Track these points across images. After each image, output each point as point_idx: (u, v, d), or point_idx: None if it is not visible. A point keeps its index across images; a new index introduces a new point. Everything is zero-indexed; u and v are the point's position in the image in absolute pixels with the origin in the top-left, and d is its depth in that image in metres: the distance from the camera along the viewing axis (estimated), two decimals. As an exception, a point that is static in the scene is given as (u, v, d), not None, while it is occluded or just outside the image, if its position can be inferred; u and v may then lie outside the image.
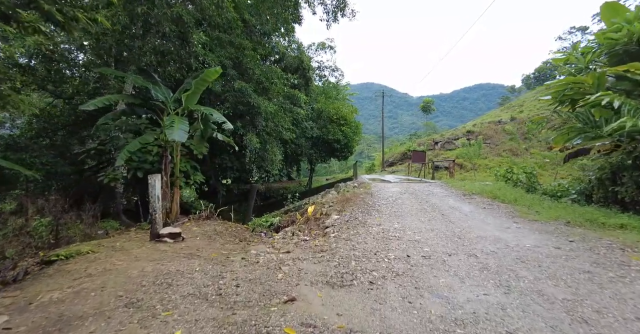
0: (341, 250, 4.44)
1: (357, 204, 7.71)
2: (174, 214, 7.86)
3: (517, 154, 27.11)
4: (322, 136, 21.03)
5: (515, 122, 31.42)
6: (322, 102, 21.86)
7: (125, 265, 3.44)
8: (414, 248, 4.40)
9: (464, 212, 6.96)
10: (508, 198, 8.00)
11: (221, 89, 11.23)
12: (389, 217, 6.45)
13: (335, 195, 9.26)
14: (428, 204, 7.83)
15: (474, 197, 8.72)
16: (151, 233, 4.98)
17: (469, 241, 4.72)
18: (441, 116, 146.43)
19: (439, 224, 5.90)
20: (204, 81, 7.25)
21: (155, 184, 4.98)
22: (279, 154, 14.64)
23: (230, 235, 6.36)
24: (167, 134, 6.14)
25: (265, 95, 12.89)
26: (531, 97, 40.13)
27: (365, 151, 79.74)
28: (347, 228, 5.84)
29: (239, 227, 7.56)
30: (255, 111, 11.87)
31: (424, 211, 7.05)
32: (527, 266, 3.52)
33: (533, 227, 5.51)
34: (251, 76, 12.20)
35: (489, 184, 10.16)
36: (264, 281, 3.31)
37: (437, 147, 31.82)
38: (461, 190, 10.00)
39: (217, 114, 7.30)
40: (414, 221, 6.12)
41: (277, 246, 5.42)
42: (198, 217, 8.05)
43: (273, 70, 12.17)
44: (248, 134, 11.86)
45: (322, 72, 30.96)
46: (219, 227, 6.83)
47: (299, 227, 7.04)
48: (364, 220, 6.27)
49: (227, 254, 4.59)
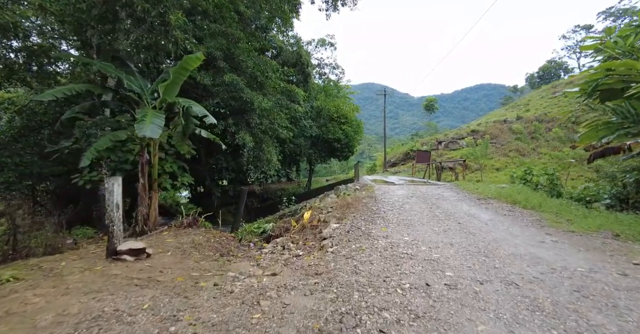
0: (341, 274, 3.50)
1: (359, 210, 6.77)
2: (152, 222, 6.93)
3: (524, 154, 26.15)
4: (321, 135, 20.08)
5: (521, 121, 30.42)
6: (322, 99, 20.90)
7: (42, 303, 2.52)
8: (433, 272, 3.46)
9: (483, 221, 6.02)
10: (530, 203, 7.04)
11: (211, 82, 10.30)
12: (397, 227, 5.51)
13: (335, 199, 8.33)
14: (440, 211, 6.89)
15: (490, 202, 7.77)
16: (107, 250, 4.05)
17: (500, 260, 3.77)
18: (442, 116, 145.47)
19: (458, 236, 4.96)
20: (184, 70, 6.32)
21: (114, 189, 4.06)
22: (276, 153, 13.70)
23: (210, 248, 5.43)
24: (136, 129, 5.21)
25: (260, 90, 11.97)
26: (537, 96, 39.14)
27: (367, 151, 78.80)
28: (347, 241, 4.90)
29: (225, 237, 6.62)
30: (248, 107, 10.95)
31: (437, 219, 6.11)
32: (596, 305, 2.58)
33: (573, 241, 4.56)
34: (244, 69, 11.28)
35: (505, 187, 9.22)
36: (231, 329, 2.37)
37: (441, 147, 30.88)
38: (474, 193, 9.05)
39: (198, 107, 6.37)
40: (427, 232, 5.17)
41: (263, 264, 4.48)
42: (180, 225, 7.12)
43: (267, 63, 11.24)
44: (240, 132, 10.93)
45: (322, 69, 30.06)
46: (199, 237, 5.89)
47: (292, 237, 6.11)
48: (368, 230, 5.33)
49: (198, 278, 3.66)
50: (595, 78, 6.65)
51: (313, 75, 29.52)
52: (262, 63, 11.18)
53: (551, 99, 34.91)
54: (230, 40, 10.89)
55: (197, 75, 10.03)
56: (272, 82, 12.22)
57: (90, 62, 6.49)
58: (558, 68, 56.86)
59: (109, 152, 8.88)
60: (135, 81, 6.62)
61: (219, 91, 10.40)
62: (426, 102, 40.92)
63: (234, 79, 10.13)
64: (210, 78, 10.45)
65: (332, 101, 20.74)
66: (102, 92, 6.50)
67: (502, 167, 25.19)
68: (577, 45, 64.36)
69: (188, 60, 6.20)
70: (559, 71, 56.40)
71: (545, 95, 37.57)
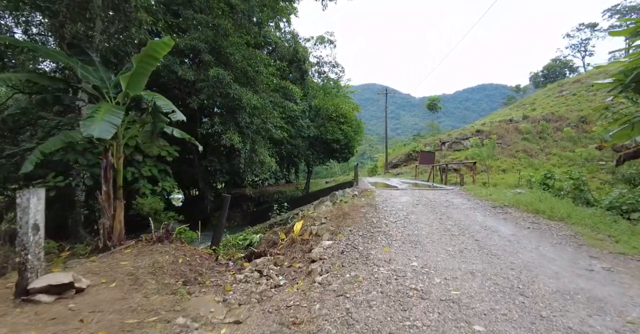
0: (326, 326, 2.51)
1: (357, 222, 5.78)
2: (117, 236, 5.96)
3: (532, 154, 25.07)
4: (319, 136, 19.08)
5: (527, 120, 29.33)
6: (321, 98, 19.92)
7: None
8: (456, 324, 2.47)
9: (505, 236, 5.01)
10: (557, 213, 6.03)
11: (194, 77, 9.34)
12: (402, 247, 4.52)
13: (330, 207, 7.33)
14: (452, 222, 5.88)
15: (508, 211, 6.76)
16: (16, 287, 3.06)
17: (544, 303, 2.78)
18: (444, 116, 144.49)
19: (478, 259, 3.96)
20: (151, 58, 5.35)
21: (29, 206, 3.08)
22: (269, 155, 12.73)
23: (174, 272, 4.44)
24: (82, 127, 4.24)
25: (251, 87, 11.01)
26: (543, 95, 38.05)
27: (368, 152, 77.86)
28: (341, 266, 3.92)
29: (199, 255, 5.64)
30: (237, 105, 9.98)
31: (450, 234, 5.11)
32: None
33: (631, 268, 3.55)
34: (233, 64, 10.31)
35: (521, 192, 8.20)
36: None
37: (444, 147, 29.85)
38: (487, 200, 8.04)
39: (163, 100, 5.38)
40: (439, 254, 4.18)
41: (231, 299, 3.50)
42: (150, 239, 6.14)
43: (258, 56, 10.26)
44: (228, 131, 9.96)
45: (322, 68, 29.16)
46: (165, 257, 4.91)
47: (276, 257, 5.13)
48: (366, 251, 4.34)
49: (132, 329, 2.67)
50: (634, 66, 5.62)
51: (311, 73, 28.64)
52: (252, 56, 10.20)
53: (558, 98, 33.82)
54: (218, 32, 9.94)
55: (178, 69, 9.07)
56: (265, 78, 11.24)
57: (35, 48, 5.53)
58: (563, 67, 55.71)
59: (77, 154, 7.94)
60: (95, 72, 5.66)
61: (203, 86, 9.43)
62: (429, 101, 39.80)
63: (219, 73, 9.17)
64: (194, 73, 9.49)
65: (330, 100, 19.74)
66: (51, 83, 5.54)
67: (509, 168, 24.13)
68: (581, 44, 63.31)
69: (154, 46, 5.23)
70: (564, 70, 55.25)
71: (552, 94, 36.47)
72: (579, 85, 34.33)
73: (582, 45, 62.17)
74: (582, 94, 31.35)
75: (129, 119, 5.93)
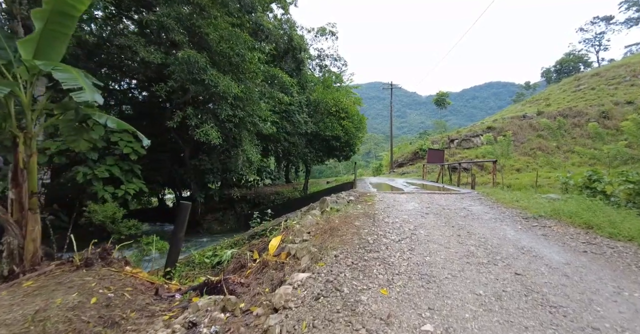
0: None
1: (347, 242, 4.28)
2: (29, 259, 4.54)
3: (548, 152, 23.27)
4: (318, 132, 17.55)
5: (542, 116, 27.45)
6: (320, 91, 18.38)
7: None
8: None
9: (558, 268, 3.48)
10: (622, 231, 4.46)
11: (161, 60, 7.89)
12: (407, 286, 3.01)
13: (317, 218, 5.82)
14: (475, 241, 4.36)
15: (547, 225, 5.19)
16: None
17: None
18: (450, 115, 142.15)
19: (532, 317, 2.44)
20: (62, 16, 3.90)
21: None
22: (257, 153, 11.28)
23: (73, 323, 2.99)
24: None
25: (234, 74, 9.54)
26: (557, 90, 35.97)
27: (373, 151, 76.20)
28: (311, 327, 2.43)
29: (133, 286, 4.18)
30: (213, 93, 8.51)
31: (476, 262, 3.59)
32: None
33: None
34: (214, 47, 8.84)
35: (556, 198, 6.61)
36: None
37: (453, 145, 28.19)
38: (515, 208, 6.48)
39: (68, 73, 3.91)
40: (466, 303, 2.67)
41: None
42: (80, 261, 4.70)
43: (239, 37, 8.75)
44: (204, 124, 8.51)
45: (323, 61, 27.67)
46: (69, 296, 3.47)
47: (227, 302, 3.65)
48: (354, 296, 2.84)
49: None
50: None
51: (312, 67, 27.11)
52: (233, 37, 8.71)
53: (575, 93, 31.81)
54: (194, 9, 8.50)
55: (141, 50, 7.64)
56: (250, 65, 9.75)
57: None
58: (577, 61, 53.30)
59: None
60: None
61: (172, 71, 7.99)
62: (437, 96, 37.94)
63: (190, 55, 7.71)
64: (162, 55, 8.04)
65: (330, 93, 18.17)
66: None
67: (523, 167, 22.43)
68: (596, 38, 60.63)
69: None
70: (578, 65, 52.84)
71: (568, 88, 34.42)
72: (598, 79, 32.26)
73: (597, 40, 59.64)
74: (601, 88, 29.32)
75: (42, 104, 4.48)
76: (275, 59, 16.48)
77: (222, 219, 20.28)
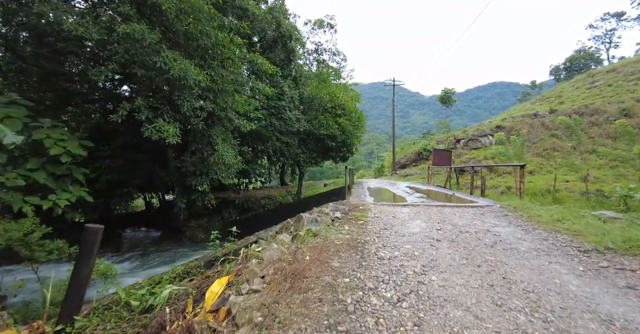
0: None
1: (312, 307, 2.55)
2: None
3: (564, 153, 21.40)
4: (311, 131, 15.81)
5: (556, 114, 25.53)
6: (314, 86, 16.64)
7: None
8: None
9: None
10: None
11: (99, 36, 6.21)
12: None
13: (284, 248, 4.09)
14: (521, 302, 2.61)
15: (625, 265, 3.45)
16: None
17: None
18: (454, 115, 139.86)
19: None
20: None
21: None
22: (234, 153, 9.60)
23: None
24: None
25: (202, 58, 7.87)
26: (569, 87, 33.99)
27: (375, 151, 74.42)
28: None
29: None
30: (169, 79, 6.83)
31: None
32: None
33: None
34: (175, 25, 7.15)
35: (615, 217, 4.87)
36: None
37: (460, 145, 26.35)
38: (557, 230, 4.72)
39: None
40: None
41: None
42: None
43: (201, 10, 7.03)
44: (157, 119, 6.83)
45: (321, 56, 25.99)
46: None
47: None
48: None
49: None
50: None
51: (309, 62, 25.39)
52: (195, 11, 7.00)
53: (590, 90, 29.82)
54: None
55: (74, 27, 5.95)
56: (224, 49, 8.04)
57: None
58: (588, 59, 51.16)
59: None
60: None
61: (114, 51, 6.30)
62: (442, 93, 36.04)
63: (135, 30, 6.02)
64: (101, 31, 6.36)
65: (325, 88, 16.42)
66: None
67: (537, 169, 20.58)
68: (606, 35, 58.35)
69: None
70: (589, 62, 50.70)
71: (581, 85, 32.40)
72: (614, 75, 30.24)
73: (607, 37, 57.44)
74: (619, 84, 27.33)
75: None
76: (265, 50, 14.82)
77: (207, 225, 18.60)
